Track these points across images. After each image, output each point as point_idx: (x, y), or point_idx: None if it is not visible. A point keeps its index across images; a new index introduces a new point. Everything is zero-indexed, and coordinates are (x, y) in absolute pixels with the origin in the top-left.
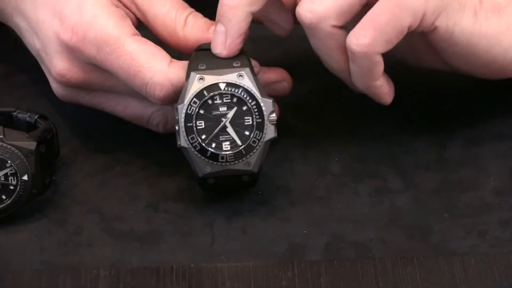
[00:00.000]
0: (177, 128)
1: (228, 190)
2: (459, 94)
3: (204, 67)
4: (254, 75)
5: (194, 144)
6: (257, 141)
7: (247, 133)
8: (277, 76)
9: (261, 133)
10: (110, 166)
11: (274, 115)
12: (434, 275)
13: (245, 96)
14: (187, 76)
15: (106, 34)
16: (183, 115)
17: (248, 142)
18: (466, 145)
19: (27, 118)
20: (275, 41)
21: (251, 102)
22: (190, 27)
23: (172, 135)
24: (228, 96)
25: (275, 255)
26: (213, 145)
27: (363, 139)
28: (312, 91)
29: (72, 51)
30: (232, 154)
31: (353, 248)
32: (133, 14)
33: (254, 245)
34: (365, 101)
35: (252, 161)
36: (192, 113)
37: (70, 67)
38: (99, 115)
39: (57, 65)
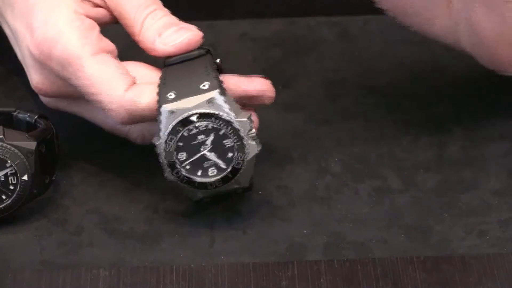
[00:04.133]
0: (160, 161)
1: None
2: (459, 94)
3: (173, 97)
4: (224, 94)
5: (180, 178)
6: (241, 162)
7: (230, 155)
8: (256, 90)
9: (243, 155)
10: (110, 166)
11: (253, 131)
12: (434, 275)
13: (219, 123)
14: (158, 110)
15: (68, 54)
16: (163, 153)
17: (232, 164)
18: (466, 145)
19: (27, 118)
20: (275, 41)
21: (227, 128)
22: (143, 33)
23: None
24: (203, 125)
25: (275, 255)
26: (199, 172)
27: (363, 139)
28: (312, 91)
29: (43, 66)
30: (220, 179)
31: (353, 248)
32: (105, 9)
33: (254, 245)
34: (365, 101)
35: (241, 180)
36: (171, 150)
37: (44, 81)
38: None
39: (33, 78)
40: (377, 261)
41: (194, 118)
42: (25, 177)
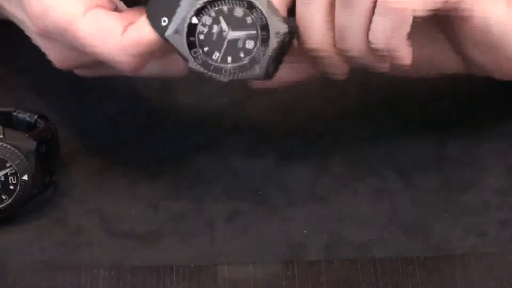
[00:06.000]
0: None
1: None
2: (459, 94)
3: (166, 21)
4: None
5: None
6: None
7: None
8: None
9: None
10: (110, 166)
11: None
12: (434, 275)
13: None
14: (165, 39)
15: (60, 22)
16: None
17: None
18: (466, 145)
19: (27, 118)
20: None
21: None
22: None
23: (171, 135)
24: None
25: (275, 255)
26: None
27: (363, 139)
28: (312, 90)
29: (50, 41)
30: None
31: (353, 248)
32: None
33: (254, 245)
34: (365, 101)
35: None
36: (203, 59)
37: (60, 56)
38: (99, 115)
39: (51, 57)
40: (377, 261)
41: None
42: (25, 177)
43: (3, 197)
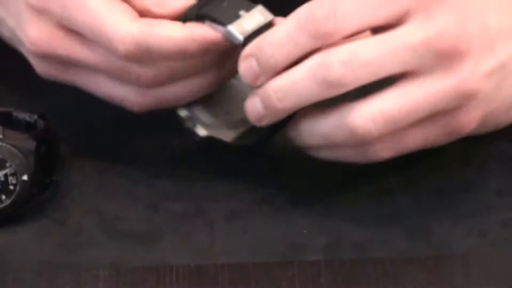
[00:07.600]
0: None
1: None
2: None
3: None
4: None
5: None
6: None
7: None
8: None
9: None
10: (110, 166)
11: None
12: (434, 275)
13: None
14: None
15: None
16: None
17: None
18: (466, 145)
19: (27, 118)
20: None
21: None
22: None
23: (171, 136)
24: None
25: (275, 255)
26: None
27: None
28: None
29: (41, 14)
30: None
31: (353, 248)
32: None
33: (254, 245)
34: None
35: None
36: None
37: (41, 34)
38: (99, 115)
39: (29, 33)
40: (377, 261)
41: None
42: (25, 177)
43: (3, 197)
